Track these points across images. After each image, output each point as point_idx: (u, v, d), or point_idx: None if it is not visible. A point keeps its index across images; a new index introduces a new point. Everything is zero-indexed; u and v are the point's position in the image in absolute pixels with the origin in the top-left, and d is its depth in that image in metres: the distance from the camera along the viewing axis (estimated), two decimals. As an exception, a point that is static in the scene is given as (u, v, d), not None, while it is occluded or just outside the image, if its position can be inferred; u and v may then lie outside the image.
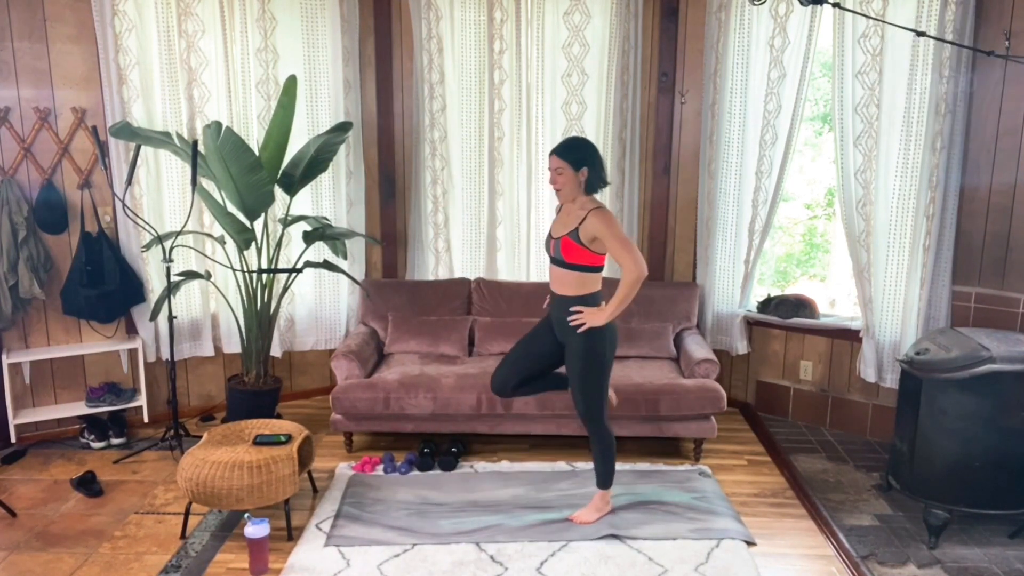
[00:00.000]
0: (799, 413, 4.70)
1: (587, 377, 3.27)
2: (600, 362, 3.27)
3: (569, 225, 3.19)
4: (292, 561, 3.14)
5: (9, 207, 4.02)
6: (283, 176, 4.33)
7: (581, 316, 3.21)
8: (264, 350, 4.41)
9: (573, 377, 3.31)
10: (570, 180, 3.18)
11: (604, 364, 3.28)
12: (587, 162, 3.17)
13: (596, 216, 3.13)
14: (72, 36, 4.12)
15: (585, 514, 3.45)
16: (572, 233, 3.17)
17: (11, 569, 3.12)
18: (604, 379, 3.30)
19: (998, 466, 3.25)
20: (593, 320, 3.20)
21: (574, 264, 3.21)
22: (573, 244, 3.17)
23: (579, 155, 3.18)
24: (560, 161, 3.18)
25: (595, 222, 3.12)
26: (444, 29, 4.65)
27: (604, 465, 3.42)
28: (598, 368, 3.27)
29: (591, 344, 3.23)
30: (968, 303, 3.97)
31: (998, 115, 3.80)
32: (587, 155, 3.19)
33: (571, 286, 3.25)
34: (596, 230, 3.13)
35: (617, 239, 3.13)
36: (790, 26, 4.25)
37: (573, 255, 3.19)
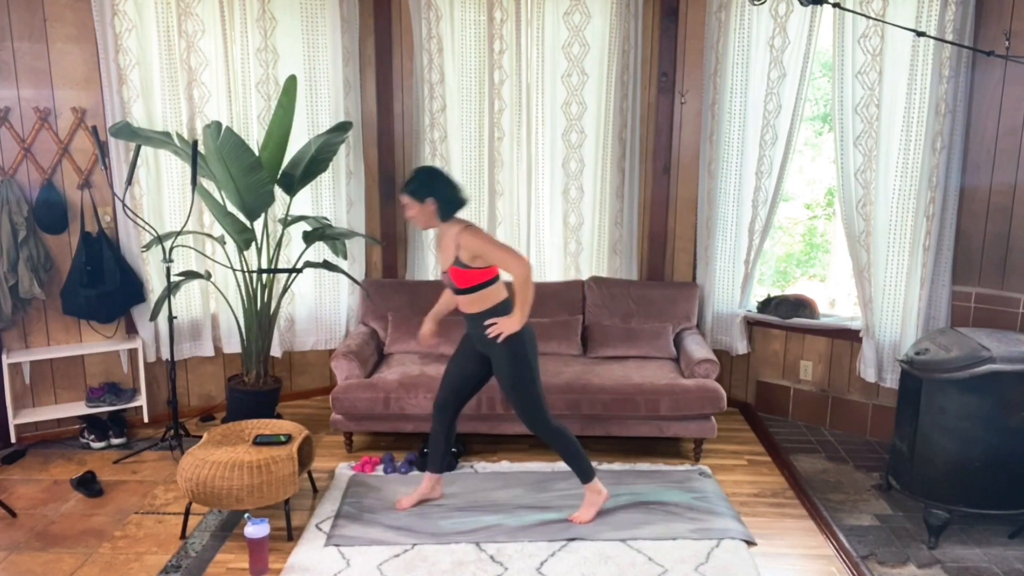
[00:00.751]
0: (799, 413, 4.70)
1: (518, 382, 3.34)
2: (526, 364, 3.33)
3: (450, 255, 3.27)
4: (292, 561, 3.14)
5: (9, 207, 4.02)
6: (283, 176, 4.33)
7: (496, 327, 3.27)
8: (264, 350, 4.42)
9: (506, 386, 3.38)
10: (419, 212, 3.25)
11: (530, 365, 3.34)
12: (430, 192, 3.22)
13: (467, 237, 3.22)
14: (72, 36, 4.12)
15: (583, 513, 3.45)
16: (456, 262, 3.24)
17: (11, 569, 3.12)
18: (535, 380, 3.36)
19: (998, 466, 3.25)
20: (508, 327, 3.26)
21: (470, 288, 3.28)
22: (460, 271, 3.25)
23: (419, 187, 3.23)
24: (404, 197, 3.26)
25: (469, 242, 3.21)
26: (444, 29, 4.65)
27: (573, 460, 3.45)
28: (526, 370, 3.33)
29: (513, 349, 3.30)
30: (968, 303, 3.97)
31: (998, 115, 3.80)
32: (428, 185, 3.23)
33: (477, 304, 3.32)
34: (473, 249, 3.21)
35: (495, 250, 3.25)
36: (790, 26, 4.26)
37: (464, 280, 3.26)
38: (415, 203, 3.23)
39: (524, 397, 3.36)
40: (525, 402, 3.36)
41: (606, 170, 4.77)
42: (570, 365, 4.28)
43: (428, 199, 3.22)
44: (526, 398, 3.36)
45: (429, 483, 3.59)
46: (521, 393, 3.35)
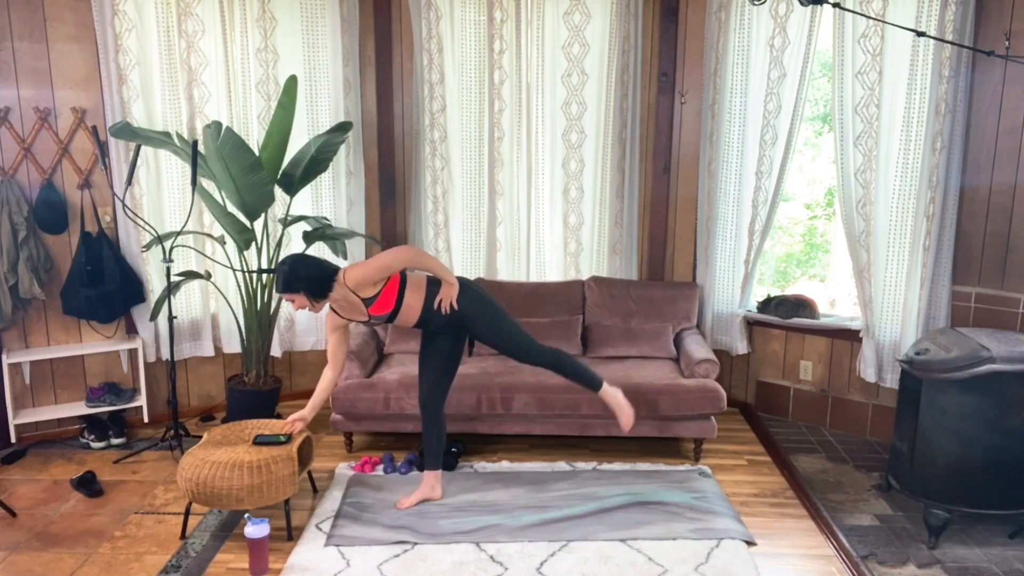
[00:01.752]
0: (799, 413, 4.70)
1: (497, 324, 3.45)
2: (490, 306, 3.46)
3: (357, 305, 3.30)
4: (292, 561, 3.14)
5: (9, 207, 4.02)
6: (283, 176, 4.33)
7: (443, 303, 3.35)
8: (264, 350, 4.42)
9: (497, 334, 3.46)
10: (303, 300, 3.23)
11: (494, 305, 3.47)
12: (298, 287, 3.19)
13: (350, 277, 3.23)
14: (72, 36, 4.12)
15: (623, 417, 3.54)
16: (366, 302, 3.29)
17: (11, 569, 3.12)
18: (507, 317, 3.48)
19: (998, 466, 3.25)
20: (450, 293, 3.36)
21: (395, 308, 3.34)
22: (376, 303, 3.30)
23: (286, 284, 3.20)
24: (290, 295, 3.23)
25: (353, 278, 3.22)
26: (444, 29, 4.65)
27: (579, 374, 3.54)
28: (494, 311, 3.46)
29: (472, 302, 3.41)
30: (968, 303, 3.97)
31: (998, 115, 3.80)
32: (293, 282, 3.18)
33: (415, 306, 3.37)
34: (361, 279, 3.23)
35: (374, 264, 3.27)
36: (790, 26, 4.25)
37: (385, 305, 3.32)
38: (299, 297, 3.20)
39: (510, 334, 3.46)
40: (514, 338, 3.46)
41: (606, 170, 4.77)
42: (570, 365, 4.27)
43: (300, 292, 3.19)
44: (512, 334, 3.46)
45: (429, 482, 3.59)
46: (506, 333, 3.45)
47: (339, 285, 3.23)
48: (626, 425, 3.55)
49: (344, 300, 3.29)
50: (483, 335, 3.53)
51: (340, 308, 3.36)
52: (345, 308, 3.34)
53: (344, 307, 3.34)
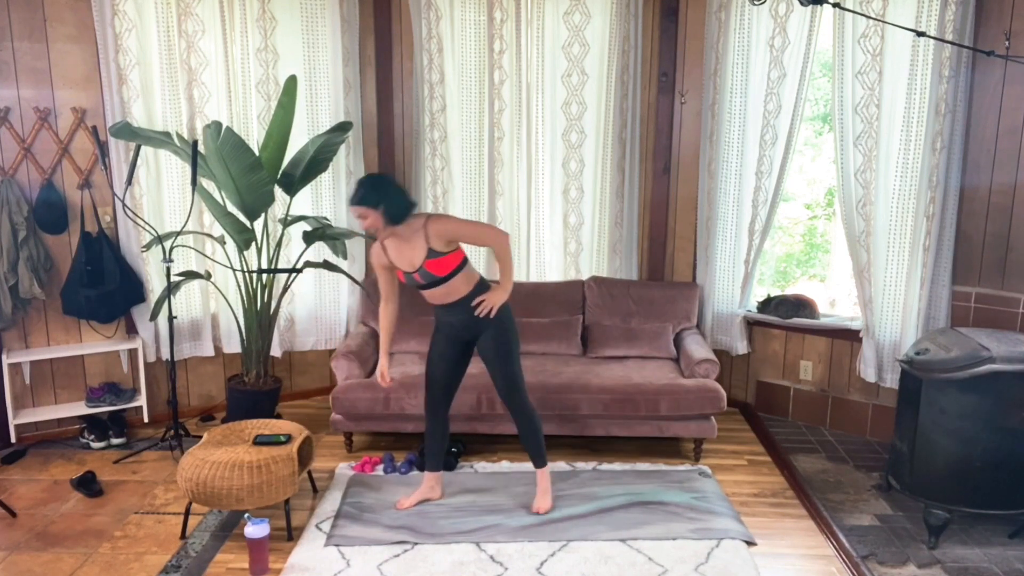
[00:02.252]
0: (799, 413, 4.70)
1: (511, 355, 3.40)
2: (516, 336, 3.42)
3: (418, 252, 3.23)
4: (292, 561, 3.14)
5: (9, 207, 4.02)
6: (283, 176, 4.33)
7: (486, 303, 3.29)
8: (264, 350, 4.42)
9: (500, 362, 3.39)
10: (377, 219, 3.18)
11: (518, 337, 3.44)
12: (381, 200, 3.15)
13: (436, 224, 3.22)
14: (72, 36, 4.12)
15: (542, 501, 3.50)
16: (429, 254, 3.21)
17: (11, 569, 3.12)
18: (518, 353, 3.45)
19: (998, 466, 3.25)
20: (498, 299, 3.30)
21: (450, 274, 3.26)
22: (437, 261, 3.22)
23: (367, 195, 3.16)
24: (357, 208, 3.19)
25: (441, 228, 3.22)
26: (444, 29, 4.65)
27: (538, 440, 3.49)
28: (516, 342, 3.42)
29: (504, 322, 3.36)
30: (968, 303, 3.97)
31: (998, 115, 3.80)
32: (377, 193, 3.16)
33: (460, 288, 3.31)
34: (446, 233, 3.22)
35: (469, 226, 3.38)
36: (790, 26, 4.25)
37: (443, 267, 3.24)
38: (372, 212, 3.15)
39: (515, 369, 3.41)
40: (515, 374, 3.42)
41: (606, 170, 4.77)
42: (570, 365, 4.28)
43: (381, 206, 3.15)
44: (516, 370, 3.42)
45: (429, 483, 3.59)
46: (514, 366, 3.41)
47: (420, 220, 3.21)
48: (536, 510, 3.48)
49: (406, 242, 3.22)
50: (490, 354, 3.39)
51: (394, 248, 3.27)
52: (398, 250, 3.26)
53: (399, 249, 3.26)
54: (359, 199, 3.16)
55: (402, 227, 3.22)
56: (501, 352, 3.38)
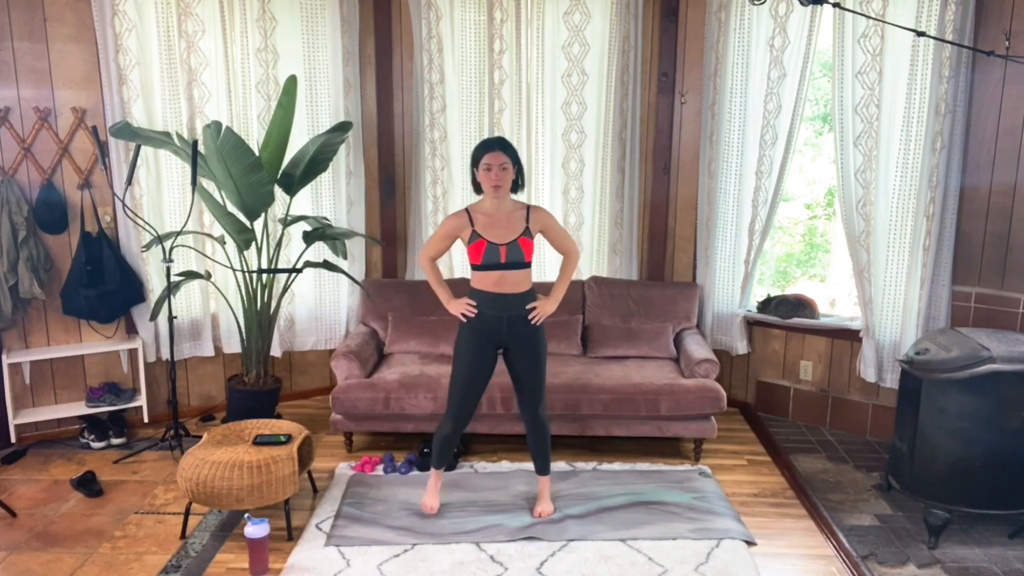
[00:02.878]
0: (799, 413, 4.70)
1: (544, 365, 3.40)
2: (546, 346, 3.42)
3: (515, 227, 3.24)
4: (292, 561, 3.14)
5: (9, 207, 4.02)
6: (283, 176, 4.33)
7: (540, 311, 3.30)
8: (264, 350, 4.42)
9: (533, 371, 3.35)
10: (508, 177, 3.22)
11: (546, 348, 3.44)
12: (518, 163, 3.27)
13: (539, 211, 3.32)
14: (72, 36, 4.12)
15: (547, 506, 3.49)
16: (525, 232, 3.24)
17: (11, 569, 3.12)
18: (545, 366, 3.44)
19: (998, 466, 3.25)
20: (550, 309, 3.33)
21: (530, 262, 3.30)
22: (530, 242, 3.25)
23: (516, 154, 3.26)
24: (506, 157, 3.21)
25: (543, 216, 3.31)
26: (444, 29, 4.65)
27: (547, 451, 3.49)
28: (546, 352, 3.42)
29: (542, 332, 3.38)
30: (968, 303, 3.97)
31: (998, 115, 3.80)
32: (516, 157, 3.26)
33: (527, 281, 3.32)
34: (546, 223, 3.31)
35: (561, 228, 3.40)
36: (790, 26, 4.26)
37: (530, 252, 3.28)
38: (512, 168, 3.22)
39: (541, 377, 3.39)
40: (544, 385, 3.41)
41: (606, 170, 4.77)
42: (570, 365, 4.28)
43: (518, 166, 3.26)
44: (542, 378, 3.40)
45: (437, 478, 3.55)
46: (544, 376, 3.40)
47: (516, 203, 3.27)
48: (537, 515, 3.47)
49: (502, 218, 3.23)
50: (525, 362, 3.32)
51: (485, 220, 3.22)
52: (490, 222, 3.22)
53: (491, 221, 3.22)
54: (510, 147, 3.21)
55: (501, 203, 3.24)
56: (538, 361, 3.35)
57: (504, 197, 3.25)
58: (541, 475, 3.52)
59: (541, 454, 3.48)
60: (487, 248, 3.21)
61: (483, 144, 3.26)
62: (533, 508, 3.52)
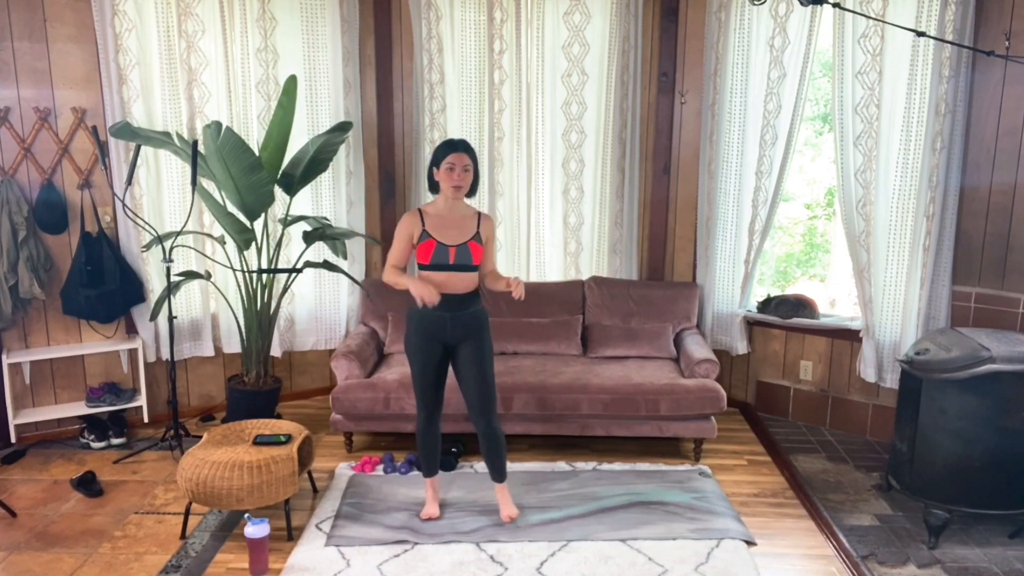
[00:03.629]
0: (799, 413, 4.70)
1: (489, 370, 3.34)
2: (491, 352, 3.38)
3: (466, 230, 3.27)
4: (292, 561, 3.14)
5: (9, 207, 4.02)
6: (283, 176, 4.33)
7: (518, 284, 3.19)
8: (264, 350, 4.42)
9: (482, 372, 3.29)
10: (467, 179, 3.24)
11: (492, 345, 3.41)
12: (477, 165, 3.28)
13: (491, 221, 3.36)
14: (72, 36, 4.12)
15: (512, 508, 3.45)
16: (476, 237, 3.27)
17: (11, 569, 3.12)
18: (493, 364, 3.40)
19: (998, 466, 3.25)
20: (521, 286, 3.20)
21: (478, 265, 3.30)
22: (480, 247, 3.27)
23: (476, 158, 3.27)
24: (469, 159, 3.22)
25: (491, 228, 3.35)
26: (444, 29, 4.65)
27: (502, 459, 3.43)
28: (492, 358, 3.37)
29: (487, 332, 3.36)
30: (968, 303, 3.97)
31: (998, 115, 3.80)
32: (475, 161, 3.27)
33: (472, 284, 3.31)
34: (489, 235, 3.34)
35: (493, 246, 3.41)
36: (790, 26, 4.26)
37: (478, 256, 3.29)
38: (471, 166, 3.23)
39: (493, 380, 3.37)
40: (494, 386, 3.37)
41: (606, 170, 4.78)
42: (570, 365, 4.28)
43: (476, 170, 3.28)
44: (494, 382, 3.37)
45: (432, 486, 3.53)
46: (492, 376, 3.36)
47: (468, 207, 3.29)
48: (509, 517, 3.42)
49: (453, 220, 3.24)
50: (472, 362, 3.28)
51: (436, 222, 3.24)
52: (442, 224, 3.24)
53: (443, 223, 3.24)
54: (472, 151, 3.24)
55: (455, 205, 3.27)
56: (481, 362, 3.29)
57: (460, 199, 3.29)
58: (499, 483, 3.44)
59: (496, 465, 3.40)
60: (436, 248, 3.24)
61: (447, 144, 3.26)
62: (534, 507, 3.50)
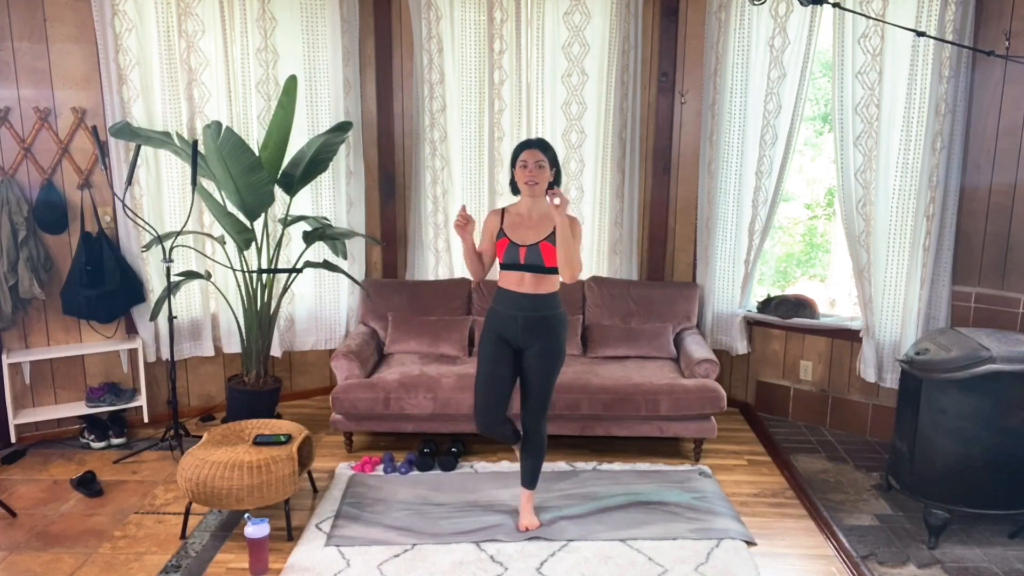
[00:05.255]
0: (799, 413, 4.70)
1: (554, 375, 3.28)
2: (564, 359, 3.30)
3: (542, 231, 3.17)
4: (292, 561, 3.14)
5: (9, 207, 4.02)
6: (283, 176, 4.33)
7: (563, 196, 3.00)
8: (264, 350, 4.42)
9: (543, 379, 3.24)
10: (548, 176, 3.19)
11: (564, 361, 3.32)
12: (557, 163, 3.23)
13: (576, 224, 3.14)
14: (72, 36, 4.12)
15: (532, 519, 3.40)
16: (549, 238, 3.15)
17: (11, 569, 3.12)
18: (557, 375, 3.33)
19: (998, 466, 3.25)
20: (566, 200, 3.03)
21: (552, 268, 3.17)
22: (552, 248, 3.14)
23: (555, 155, 3.22)
24: (543, 156, 3.17)
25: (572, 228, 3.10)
26: (444, 29, 4.65)
27: (537, 466, 3.38)
28: (562, 365, 3.30)
29: (560, 341, 3.24)
30: (968, 303, 3.97)
31: (998, 115, 3.80)
32: (555, 157, 3.22)
33: (549, 286, 3.22)
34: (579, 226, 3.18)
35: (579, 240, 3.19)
36: (790, 26, 4.26)
37: (552, 258, 3.15)
38: (548, 168, 3.17)
39: (552, 390, 3.30)
40: (550, 395, 3.30)
41: (606, 170, 4.77)
42: (570, 365, 4.27)
43: (555, 169, 3.21)
44: (552, 392, 3.30)
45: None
46: (552, 386, 3.28)
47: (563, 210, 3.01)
48: (527, 527, 3.37)
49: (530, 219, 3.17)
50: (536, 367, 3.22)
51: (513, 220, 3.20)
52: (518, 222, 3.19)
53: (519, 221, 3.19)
54: (548, 148, 3.18)
55: (535, 203, 3.19)
56: (548, 368, 3.23)
57: (539, 196, 3.20)
58: (527, 488, 3.40)
59: (532, 468, 3.36)
60: (508, 247, 3.19)
61: (523, 143, 3.25)
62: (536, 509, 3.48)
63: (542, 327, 3.21)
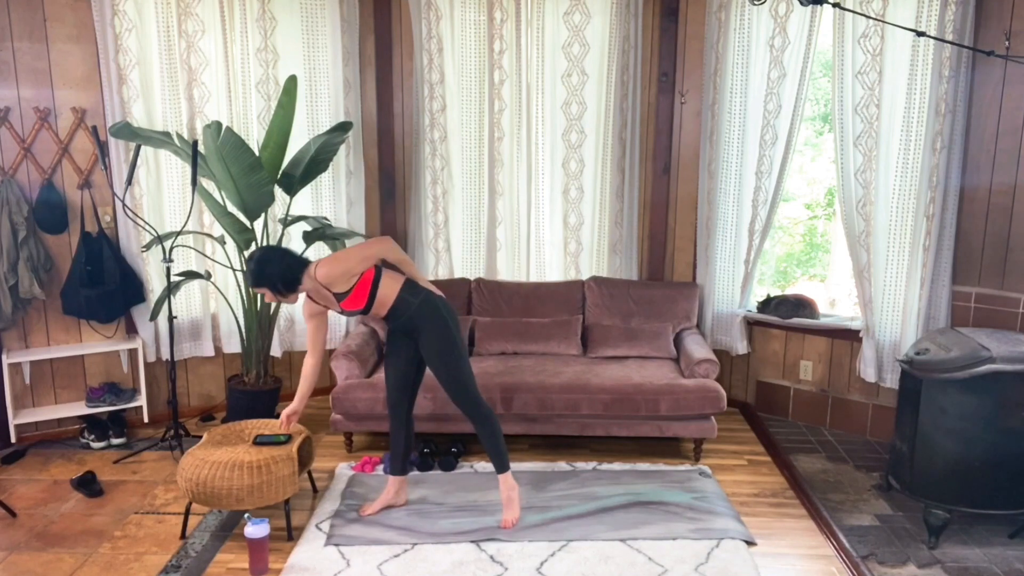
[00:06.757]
0: (799, 413, 4.70)
1: (451, 354, 3.30)
2: (454, 333, 3.31)
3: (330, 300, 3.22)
4: (292, 561, 3.14)
5: (9, 207, 4.02)
6: (283, 176, 4.33)
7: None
8: (264, 350, 4.42)
9: (440, 362, 3.31)
10: (272, 296, 3.20)
11: (455, 339, 3.32)
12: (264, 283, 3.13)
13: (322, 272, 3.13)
14: (72, 36, 4.12)
15: (508, 513, 3.41)
16: (338, 298, 3.18)
17: (11, 569, 3.12)
18: (462, 355, 3.34)
19: (998, 466, 3.25)
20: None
21: (367, 305, 3.23)
22: (349, 298, 3.19)
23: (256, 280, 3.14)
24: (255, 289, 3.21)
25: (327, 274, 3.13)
26: (444, 29, 4.65)
27: (497, 444, 3.40)
28: (456, 341, 3.31)
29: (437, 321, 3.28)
30: (968, 303, 3.97)
31: (998, 115, 3.80)
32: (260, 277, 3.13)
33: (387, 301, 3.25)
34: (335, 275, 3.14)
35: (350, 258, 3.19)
36: (790, 26, 4.26)
37: (357, 302, 3.21)
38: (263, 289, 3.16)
39: (457, 368, 3.32)
40: (458, 374, 3.32)
41: (606, 170, 4.77)
42: (570, 365, 4.28)
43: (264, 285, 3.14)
44: (458, 369, 3.32)
45: (393, 487, 3.53)
46: (452, 365, 3.31)
47: (309, 279, 3.15)
48: (505, 524, 3.38)
49: (316, 292, 3.22)
50: (430, 354, 3.32)
51: (316, 296, 3.26)
52: (319, 297, 3.26)
53: (318, 297, 3.26)
54: (250, 283, 3.21)
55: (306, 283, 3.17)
56: (441, 350, 3.29)
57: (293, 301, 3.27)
58: (498, 473, 3.43)
59: (490, 448, 3.40)
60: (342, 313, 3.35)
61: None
62: (534, 507, 3.50)
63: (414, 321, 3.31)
